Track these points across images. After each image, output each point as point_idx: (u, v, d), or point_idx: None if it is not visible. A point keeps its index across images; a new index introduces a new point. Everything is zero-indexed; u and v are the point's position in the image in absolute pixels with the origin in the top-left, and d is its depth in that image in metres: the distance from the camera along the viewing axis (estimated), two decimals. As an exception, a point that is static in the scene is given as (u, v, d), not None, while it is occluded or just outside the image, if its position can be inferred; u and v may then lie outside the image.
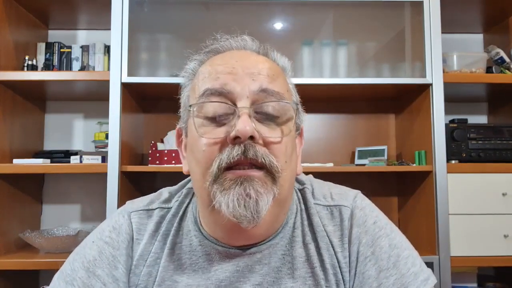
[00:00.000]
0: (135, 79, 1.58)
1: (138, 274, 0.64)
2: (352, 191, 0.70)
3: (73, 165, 1.61)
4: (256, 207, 0.54)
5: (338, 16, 1.79)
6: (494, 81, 1.67)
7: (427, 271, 0.63)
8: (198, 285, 0.62)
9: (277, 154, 0.57)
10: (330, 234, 0.65)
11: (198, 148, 0.58)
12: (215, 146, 0.56)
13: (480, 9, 1.87)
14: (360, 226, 0.65)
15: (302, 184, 0.72)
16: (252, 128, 0.54)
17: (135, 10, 1.62)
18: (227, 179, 0.55)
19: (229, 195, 0.54)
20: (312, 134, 1.97)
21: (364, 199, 0.69)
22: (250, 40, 0.65)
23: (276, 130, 0.58)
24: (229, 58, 0.61)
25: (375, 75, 1.75)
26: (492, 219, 1.57)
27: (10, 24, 1.70)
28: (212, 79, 0.59)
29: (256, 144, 0.55)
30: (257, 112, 0.57)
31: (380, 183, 1.93)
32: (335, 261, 0.63)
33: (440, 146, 1.58)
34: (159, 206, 0.70)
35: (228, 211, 0.54)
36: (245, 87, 0.57)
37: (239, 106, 0.56)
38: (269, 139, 0.57)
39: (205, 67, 0.62)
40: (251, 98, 0.57)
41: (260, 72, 0.59)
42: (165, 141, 1.79)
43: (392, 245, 0.63)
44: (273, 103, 0.58)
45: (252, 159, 0.54)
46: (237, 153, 0.54)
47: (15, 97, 1.74)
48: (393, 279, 0.61)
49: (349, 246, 0.64)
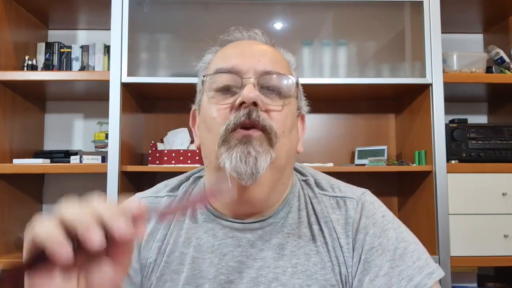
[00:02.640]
0: (135, 79, 1.58)
1: (148, 249, 0.68)
2: (361, 188, 0.74)
3: (73, 165, 1.61)
4: (255, 163, 0.60)
5: (338, 16, 1.79)
6: (494, 81, 1.67)
7: (433, 266, 0.64)
8: (203, 258, 0.66)
9: (277, 122, 0.63)
10: (334, 222, 0.68)
11: (209, 116, 0.65)
12: (224, 111, 0.63)
13: (480, 9, 1.87)
14: (369, 217, 0.67)
15: (304, 176, 0.75)
16: (256, 95, 0.61)
17: (135, 10, 1.62)
18: (234, 138, 0.61)
19: (233, 152, 0.60)
20: (312, 134, 1.97)
21: (373, 196, 0.72)
22: (260, 33, 0.72)
23: (277, 101, 0.65)
24: (240, 43, 0.70)
25: (375, 75, 1.75)
26: (492, 219, 1.57)
27: (10, 24, 1.70)
28: (224, 61, 0.66)
29: (259, 110, 0.62)
30: (261, 85, 0.64)
31: (380, 183, 1.93)
32: (338, 245, 0.66)
33: (440, 146, 1.58)
34: (167, 194, 0.74)
35: (231, 166, 0.60)
36: (251, 66, 0.64)
37: (245, 77, 0.63)
38: (270, 107, 0.64)
39: (218, 54, 0.70)
40: (257, 74, 0.64)
41: (266, 55, 0.66)
42: (165, 141, 1.79)
43: (399, 238, 0.65)
44: (276, 78, 0.65)
45: (255, 121, 0.61)
46: (243, 114, 0.61)
47: (15, 97, 1.74)
48: (399, 270, 0.62)
49: (355, 235, 0.66)
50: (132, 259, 0.44)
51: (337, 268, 0.65)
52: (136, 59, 1.68)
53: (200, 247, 0.67)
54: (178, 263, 0.67)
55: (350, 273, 0.65)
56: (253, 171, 0.60)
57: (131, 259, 0.43)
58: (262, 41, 0.71)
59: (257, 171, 0.60)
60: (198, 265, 0.66)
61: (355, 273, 0.64)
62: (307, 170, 0.77)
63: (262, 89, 0.64)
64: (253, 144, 0.60)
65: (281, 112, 0.64)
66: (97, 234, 0.38)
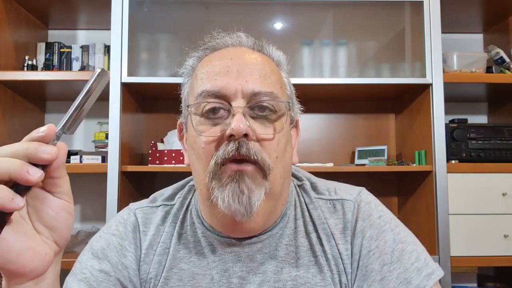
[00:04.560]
0: (135, 79, 1.58)
1: (149, 262, 0.67)
2: (357, 187, 0.72)
3: (73, 165, 1.61)
4: (249, 202, 0.58)
5: (338, 16, 1.79)
6: (494, 81, 1.67)
7: (433, 266, 0.62)
8: (204, 274, 0.65)
9: (269, 151, 0.61)
10: (332, 227, 0.66)
11: (197, 145, 0.62)
12: (212, 144, 0.60)
13: (480, 9, 1.87)
14: (365, 220, 0.66)
15: (300, 180, 0.74)
16: (246, 127, 0.58)
17: (135, 10, 1.62)
18: (225, 175, 0.59)
19: (225, 191, 0.58)
20: (312, 134, 1.97)
21: (369, 195, 0.71)
22: (244, 36, 0.68)
23: (269, 128, 0.62)
24: (225, 56, 0.65)
25: (375, 75, 1.75)
26: (492, 219, 1.57)
27: (10, 24, 1.70)
28: (209, 80, 0.62)
29: (250, 141, 0.59)
30: (251, 109, 0.61)
31: (380, 183, 1.93)
32: (336, 252, 0.65)
33: (440, 146, 1.58)
34: (163, 203, 0.72)
35: (224, 205, 0.58)
36: (239, 88, 0.60)
37: (233, 105, 0.60)
38: (261, 136, 0.60)
39: (202, 67, 0.66)
40: (245, 98, 0.60)
41: (253, 72, 0.62)
42: (165, 141, 1.79)
43: (396, 239, 0.64)
44: (266, 102, 0.61)
45: (245, 155, 0.58)
46: (232, 149, 0.58)
47: (15, 97, 1.74)
48: (397, 273, 0.61)
49: (353, 239, 0.65)
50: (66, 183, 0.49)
51: (337, 277, 0.64)
52: (136, 59, 1.68)
53: (200, 263, 0.65)
54: (177, 280, 0.65)
55: (350, 280, 0.64)
56: (247, 209, 0.58)
57: (64, 172, 0.47)
58: (248, 46, 0.67)
59: (251, 209, 0.58)
60: (199, 282, 0.64)
61: (353, 280, 0.63)
62: (303, 173, 0.76)
63: (252, 113, 0.61)
64: (245, 181, 0.58)
65: (273, 140, 0.61)
66: (32, 170, 0.41)
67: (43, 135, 0.43)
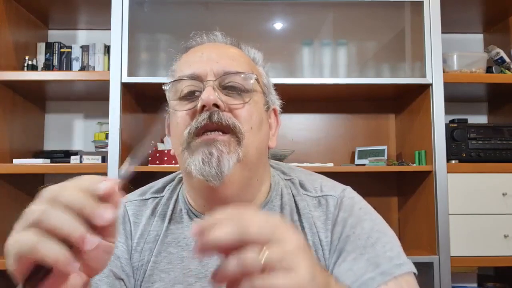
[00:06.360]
0: (135, 79, 1.58)
1: (140, 251, 0.69)
2: (342, 185, 0.74)
3: (73, 165, 1.61)
4: (218, 164, 0.60)
5: (338, 16, 1.79)
6: (494, 81, 1.67)
7: (405, 259, 0.63)
8: (192, 257, 0.66)
9: (242, 119, 0.64)
10: (315, 218, 0.69)
11: (174, 123, 0.66)
12: (187, 117, 0.64)
13: (480, 9, 1.87)
14: (347, 211, 0.68)
15: (288, 175, 0.76)
16: (215, 97, 0.62)
17: (135, 10, 1.62)
18: (196, 143, 0.62)
19: (196, 155, 0.61)
20: (312, 134, 1.97)
21: (353, 192, 0.73)
22: (220, 35, 0.73)
23: (238, 99, 0.65)
24: (199, 48, 0.70)
25: (375, 75, 1.75)
26: (492, 219, 1.57)
27: (10, 24, 1.70)
28: (184, 68, 0.67)
29: (222, 112, 0.62)
30: (221, 86, 0.65)
31: (380, 183, 1.93)
32: (317, 239, 0.67)
33: (440, 146, 1.58)
34: (152, 196, 0.75)
35: (195, 170, 0.61)
36: (210, 69, 0.65)
37: (204, 81, 0.64)
38: (232, 105, 0.64)
39: (179, 62, 0.71)
40: (216, 76, 0.64)
41: (223, 56, 0.67)
42: (165, 141, 1.79)
43: (374, 229, 0.65)
44: (235, 76, 0.65)
45: (217, 123, 0.62)
46: (203, 118, 0.62)
47: (15, 97, 1.74)
48: (368, 256, 0.62)
49: (333, 228, 0.67)
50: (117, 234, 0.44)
51: None
52: (136, 59, 1.68)
53: (188, 246, 0.67)
54: (167, 263, 0.67)
55: (328, 265, 0.65)
56: (217, 171, 0.60)
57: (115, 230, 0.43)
58: (224, 42, 0.72)
59: (221, 171, 0.60)
60: (188, 264, 0.66)
61: (331, 264, 0.65)
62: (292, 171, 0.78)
63: (224, 90, 0.65)
64: (217, 144, 0.61)
65: (244, 109, 0.64)
66: (88, 238, 0.37)
67: (103, 194, 0.39)
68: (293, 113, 1.96)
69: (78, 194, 0.38)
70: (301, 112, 1.96)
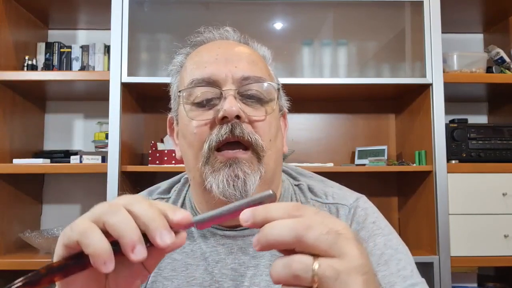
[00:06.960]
0: (135, 79, 1.58)
1: None
2: (356, 194, 0.72)
3: (73, 165, 1.61)
4: (244, 186, 0.58)
5: (338, 16, 1.79)
6: (494, 81, 1.67)
7: (418, 279, 0.62)
8: (197, 265, 0.65)
9: (262, 133, 0.61)
10: None
11: (189, 131, 0.62)
12: (205, 127, 0.61)
13: (480, 9, 1.87)
14: (360, 223, 0.66)
15: (297, 180, 0.74)
16: (238, 108, 0.59)
17: (135, 10, 1.62)
18: (217, 161, 0.59)
19: (219, 176, 0.58)
20: (312, 134, 1.97)
21: (367, 202, 0.71)
22: (232, 30, 0.69)
23: (260, 110, 0.62)
24: (213, 47, 0.66)
25: (375, 75, 1.75)
26: (492, 219, 1.57)
27: (10, 24, 1.70)
28: (199, 69, 0.63)
29: (242, 123, 0.60)
30: (241, 94, 0.61)
31: (380, 183, 1.93)
32: None
33: (440, 146, 1.58)
34: (159, 196, 0.73)
35: (218, 191, 0.59)
36: (229, 74, 0.61)
37: (224, 89, 0.61)
38: (253, 117, 0.61)
39: (191, 58, 0.67)
40: (235, 83, 0.61)
41: (242, 59, 0.63)
42: (165, 141, 1.79)
43: (387, 245, 0.64)
44: (256, 85, 0.62)
45: (239, 137, 0.59)
46: (225, 131, 0.58)
47: (15, 97, 1.74)
48: (381, 274, 0.60)
49: None
50: None
51: None
52: (136, 59, 1.68)
53: (193, 253, 0.66)
54: (171, 270, 0.65)
55: None
56: (242, 194, 0.58)
57: (156, 264, 0.41)
58: (234, 39, 0.69)
59: (247, 193, 0.58)
60: (192, 272, 0.65)
61: None
62: (301, 174, 0.76)
63: (243, 98, 0.62)
64: (241, 166, 0.58)
65: (265, 121, 0.62)
66: (138, 248, 0.35)
67: (175, 221, 0.37)
68: (293, 113, 1.94)
69: (152, 209, 0.37)
70: (301, 112, 1.96)
